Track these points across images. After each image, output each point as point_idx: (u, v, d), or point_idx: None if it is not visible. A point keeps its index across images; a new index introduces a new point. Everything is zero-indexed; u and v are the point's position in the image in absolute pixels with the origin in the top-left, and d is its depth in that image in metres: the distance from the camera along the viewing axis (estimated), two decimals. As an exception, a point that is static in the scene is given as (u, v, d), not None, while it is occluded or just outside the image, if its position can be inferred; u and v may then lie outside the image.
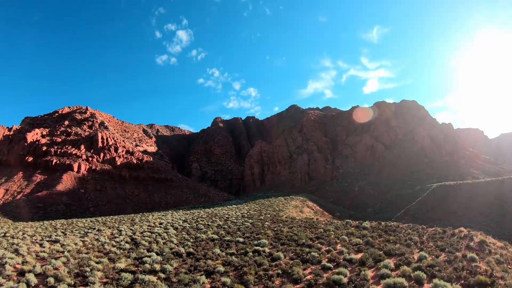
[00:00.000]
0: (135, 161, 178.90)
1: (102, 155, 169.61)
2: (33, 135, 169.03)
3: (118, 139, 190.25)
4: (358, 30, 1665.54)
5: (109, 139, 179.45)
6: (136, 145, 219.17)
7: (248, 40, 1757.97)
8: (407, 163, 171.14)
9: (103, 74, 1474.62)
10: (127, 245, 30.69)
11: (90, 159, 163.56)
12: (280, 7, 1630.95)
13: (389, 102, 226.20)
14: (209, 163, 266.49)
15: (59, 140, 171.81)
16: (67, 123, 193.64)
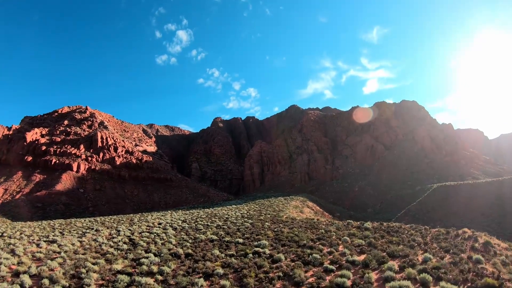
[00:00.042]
0: (134, 161, 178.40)
1: (101, 154, 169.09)
2: (32, 135, 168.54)
3: (117, 138, 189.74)
4: (358, 31, 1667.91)
5: (108, 139, 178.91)
6: (135, 145, 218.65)
7: (248, 40, 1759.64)
8: (407, 163, 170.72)
9: (103, 74, 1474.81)
10: (124, 245, 30.21)
11: (90, 158, 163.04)
12: (280, 7, 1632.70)
13: (389, 102, 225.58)
14: (208, 163, 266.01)
15: (59, 139, 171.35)
16: (66, 122, 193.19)
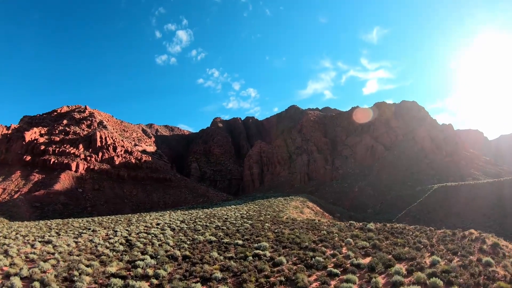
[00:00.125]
0: (133, 160, 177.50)
1: (100, 154, 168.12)
2: (31, 134, 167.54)
3: (116, 138, 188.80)
4: (358, 31, 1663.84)
5: (107, 139, 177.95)
6: (135, 144, 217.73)
7: (248, 40, 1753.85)
8: (407, 164, 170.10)
9: (103, 74, 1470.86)
10: (121, 246, 29.38)
11: (89, 158, 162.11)
12: (280, 7, 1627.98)
13: (389, 102, 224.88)
14: (208, 163, 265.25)
15: (58, 139, 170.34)
16: (65, 122, 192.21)
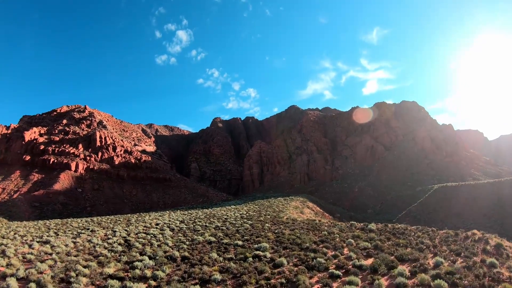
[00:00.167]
0: (133, 160, 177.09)
1: (100, 154, 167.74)
2: (31, 134, 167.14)
3: (116, 138, 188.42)
4: (358, 31, 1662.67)
5: (107, 138, 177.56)
6: (134, 144, 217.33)
7: (248, 40, 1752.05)
8: (407, 164, 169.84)
9: (103, 74, 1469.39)
10: (119, 247, 29.05)
11: (88, 158, 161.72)
12: (280, 8, 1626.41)
13: (389, 103, 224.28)
14: (208, 163, 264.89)
15: (57, 139, 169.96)
16: (65, 122, 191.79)
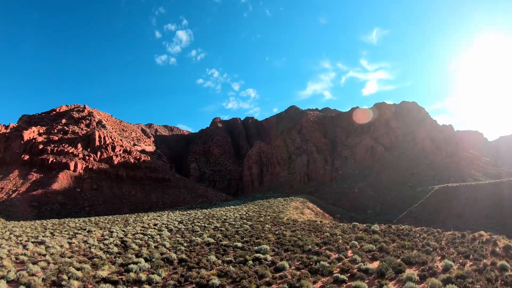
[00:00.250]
0: (132, 160, 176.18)
1: (99, 154, 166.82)
2: (29, 133, 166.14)
3: (115, 138, 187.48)
4: (357, 32, 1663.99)
5: (106, 138, 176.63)
6: (134, 144, 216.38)
7: (248, 41, 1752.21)
8: (407, 164, 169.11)
9: (103, 74, 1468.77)
10: (115, 248, 28.25)
11: (87, 158, 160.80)
12: (280, 8, 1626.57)
13: (389, 103, 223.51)
14: (207, 163, 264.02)
15: (56, 138, 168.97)
16: (64, 121, 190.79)
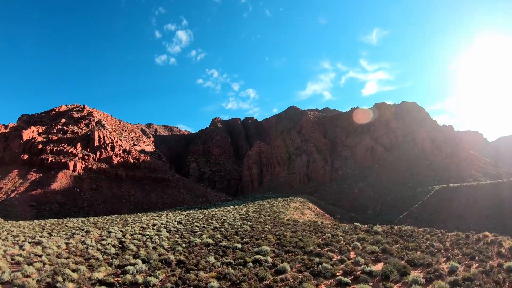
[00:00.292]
0: (132, 160, 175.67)
1: (98, 153, 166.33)
2: (29, 133, 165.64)
3: (115, 138, 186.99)
4: (357, 32, 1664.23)
5: (106, 138, 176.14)
6: (133, 144, 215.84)
7: (248, 41, 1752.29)
8: (407, 165, 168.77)
9: (102, 74, 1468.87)
10: (113, 249, 27.78)
11: (86, 157, 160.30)
12: (280, 8, 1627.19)
13: (389, 103, 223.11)
14: (207, 164, 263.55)
15: (55, 138, 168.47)
16: (63, 121, 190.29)
